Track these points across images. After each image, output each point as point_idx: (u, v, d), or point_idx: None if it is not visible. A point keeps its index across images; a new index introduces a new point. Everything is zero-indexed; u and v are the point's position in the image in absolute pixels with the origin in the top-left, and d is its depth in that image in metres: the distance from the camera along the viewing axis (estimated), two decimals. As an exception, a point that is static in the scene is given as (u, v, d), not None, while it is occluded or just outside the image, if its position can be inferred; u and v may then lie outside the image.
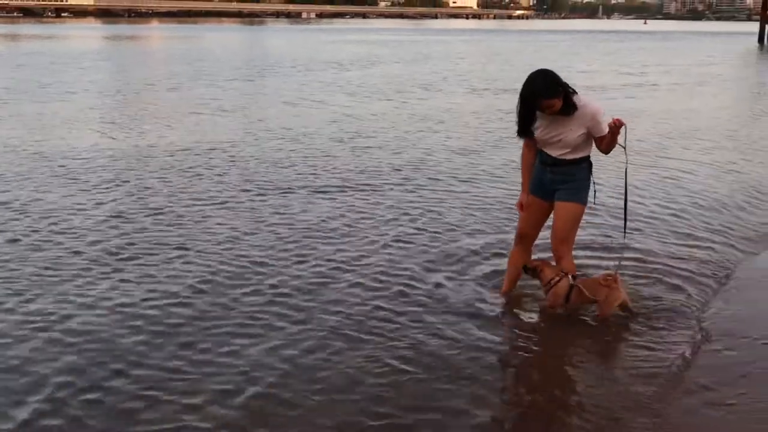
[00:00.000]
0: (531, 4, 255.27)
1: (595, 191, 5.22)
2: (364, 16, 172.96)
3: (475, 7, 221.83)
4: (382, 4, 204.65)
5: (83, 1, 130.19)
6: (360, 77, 24.89)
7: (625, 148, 5.03)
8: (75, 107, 16.74)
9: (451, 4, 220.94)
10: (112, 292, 5.71)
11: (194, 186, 9.20)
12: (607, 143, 4.93)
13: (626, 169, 5.29)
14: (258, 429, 3.97)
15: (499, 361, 4.80)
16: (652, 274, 6.11)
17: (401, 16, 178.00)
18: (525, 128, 5.01)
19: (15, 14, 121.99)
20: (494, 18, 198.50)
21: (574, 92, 4.87)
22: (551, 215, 5.34)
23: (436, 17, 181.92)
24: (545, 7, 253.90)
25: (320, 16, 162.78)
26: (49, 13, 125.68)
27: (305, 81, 23.26)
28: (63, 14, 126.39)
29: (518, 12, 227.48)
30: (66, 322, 5.17)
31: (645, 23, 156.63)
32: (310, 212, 7.98)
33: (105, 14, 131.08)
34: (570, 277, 5.23)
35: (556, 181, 5.13)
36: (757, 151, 12.19)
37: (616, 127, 4.81)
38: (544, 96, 4.76)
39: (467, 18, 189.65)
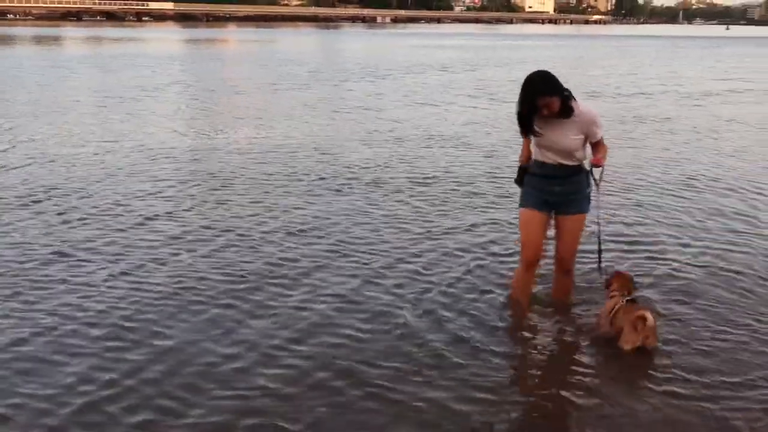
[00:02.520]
0: (608, 8, 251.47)
1: (591, 199, 5.16)
2: (438, 20, 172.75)
3: (552, 11, 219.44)
4: (458, 8, 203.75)
5: (163, 5, 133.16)
6: (469, 80, 25.04)
7: (598, 185, 5.09)
8: (218, 106, 17.39)
9: (527, 9, 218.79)
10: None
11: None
12: (603, 152, 4.96)
13: (598, 215, 5.24)
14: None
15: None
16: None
17: (476, 20, 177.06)
18: (528, 127, 4.91)
19: (98, 18, 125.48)
20: (571, 23, 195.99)
21: (573, 98, 4.86)
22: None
23: (511, 22, 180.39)
24: (623, 11, 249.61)
25: (395, 20, 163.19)
26: (131, 17, 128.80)
27: (417, 83, 23.49)
28: (144, 18, 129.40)
29: (595, 17, 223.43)
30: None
31: (727, 29, 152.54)
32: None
33: (184, 18, 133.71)
34: (624, 300, 4.80)
35: (564, 193, 5.08)
36: None
37: (596, 166, 4.94)
38: (543, 93, 4.73)
39: (543, 23, 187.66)
